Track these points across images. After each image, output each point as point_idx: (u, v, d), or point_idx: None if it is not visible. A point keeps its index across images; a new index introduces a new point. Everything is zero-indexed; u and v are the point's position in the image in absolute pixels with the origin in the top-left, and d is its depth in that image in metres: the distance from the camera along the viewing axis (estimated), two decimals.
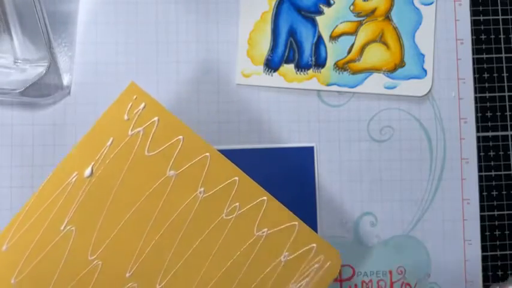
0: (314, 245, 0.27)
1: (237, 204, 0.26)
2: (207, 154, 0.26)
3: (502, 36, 0.36)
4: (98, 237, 0.25)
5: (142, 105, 0.26)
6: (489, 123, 0.35)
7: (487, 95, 0.35)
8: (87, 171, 0.25)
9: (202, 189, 0.26)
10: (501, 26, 0.36)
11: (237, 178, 0.26)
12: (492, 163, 0.35)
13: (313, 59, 0.34)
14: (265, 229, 0.26)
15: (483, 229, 0.34)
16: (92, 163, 0.25)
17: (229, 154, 0.34)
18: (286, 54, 0.34)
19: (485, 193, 0.35)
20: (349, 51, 0.35)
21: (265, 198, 0.27)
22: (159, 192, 0.26)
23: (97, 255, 0.25)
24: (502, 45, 0.36)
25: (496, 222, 0.35)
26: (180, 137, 0.26)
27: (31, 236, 0.25)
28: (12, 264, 0.24)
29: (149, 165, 0.25)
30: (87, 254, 0.25)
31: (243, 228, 0.26)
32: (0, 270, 0.25)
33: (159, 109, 0.26)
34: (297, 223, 0.27)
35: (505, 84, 0.35)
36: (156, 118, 0.26)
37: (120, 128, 0.25)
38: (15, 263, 0.25)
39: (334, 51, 0.35)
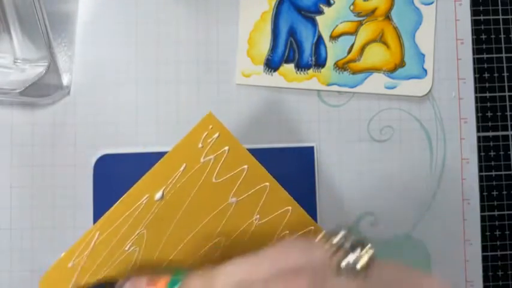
0: None
1: (287, 232, 0.28)
2: (267, 184, 0.28)
3: (502, 36, 0.35)
4: (158, 259, 0.26)
5: (217, 134, 0.27)
6: (489, 123, 0.35)
7: (488, 94, 0.35)
8: (158, 195, 0.26)
9: (258, 216, 0.27)
10: (501, 26, 0.36)
11: (290, 208, 0.28)
12: (492, 163, 0.35)
13: (313, 58, 0.34)
14: None
15: (483, 229, 0.34)
16: (164, 187, 0.26)
17: None
18: (286, 54, 0.34)
19: (485, 193, 0.35)
20: (349, 51, 0.35)
21: (312, 227, 0.28)
22: (219, 218, 0.27)
23: None
24: (503, 45, 0.36)
25: (496, 222, 0.35)
26: (245, 166, 0.27)
27: (97, 254, 0.26)
28: (75, 281, 0.25)
29: (214, 191, 0.27)
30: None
31: None
32: (62, 285, 0.25)
33: (231, 139, 0.27)
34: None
35: (506, 84, 0.35)
36: (227, 148, 0.27)
37: (194, 155, 0.27)
38: (78, 280, 0.25)
39: (334, 51, 0.35)
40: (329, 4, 0.35)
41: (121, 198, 0.26)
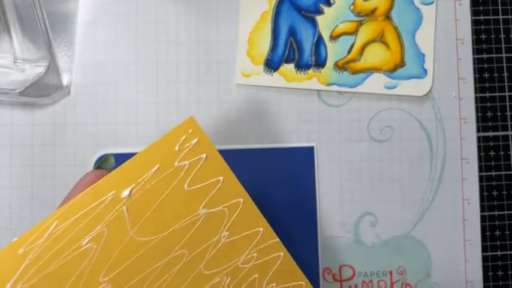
0: None
1: (255, 255, 0.27)
2: (241, 200, 0.26)
3: (502, 36, 0.35)
4: (115, 260, 0.25)
5: (195, 140, 0.26)
6: (489, 123, 0.35)
7: (488, 94, 0.35)
8: (125, 192, 0.25)
9: (227, 233, 0.26)
10: (501, 26, 0.36)
11: (261, 229, 0.27)
12: (492, 163, 0.35)
13: (313, 58, 0.34)
14: (274, 284, 0.27)
15: (483, 229, 0.34)
16: (133, 185, 0.25)
17: (229, 154, 0.34)
18: (286, 54, 0.34)
19: (485, 193, 0.35)
20: (349, 51, 0.35)
21: (281, 254, 0.27)
22: (186, 228, 0.26)
23: (109, 279, 0.25)
24: (503, 45, 0.36)
25: (497, 222, 0.35)
26: (221, 178, 0.26)
27: (51, 245, 0.24)
28: (24, 269, 0.24)
29: (185, 199, 0.26)
30: (99, 276, 0.25)
31: (252, 280, 0.27)
32: (6, 272, 0.24)
33: (209, 147, 0.26)
34: (303, 283, 0.27)
35: (506, 84, 0.35)
36: (204, 155, 0.26)
37: (169, 157, 0.25)
38: (27, 268, 0.24)
39: (334, 51, 0.35)
40: (329, 4, 0.35)
41: (86, 190, 0.25)
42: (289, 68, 0.34)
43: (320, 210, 0.34)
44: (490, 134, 0.35)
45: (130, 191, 0.25)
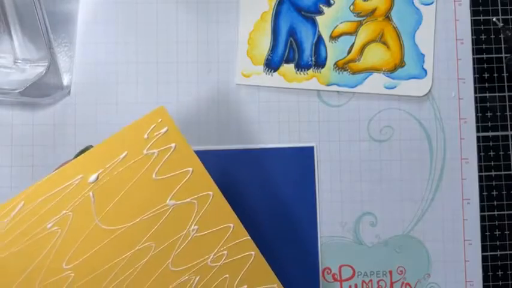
0: None
1: (225, 252, 0.26)
2: (210, 193, 0.26)
3: (502, 36, 0.36)
4: (79, 248, 0.24)
5: (165, 129, 0.26)
6: (489, 123, 0.35)
7: (487, 95, 0.35)
8: (93, 177, 0.25)
9: (196, 227, 0.26)
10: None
11: (231, 225, 0.26)
12: (492, 163, 0.35)
13: (313, 59, 0.34)
14: (245, 286, 0.26)
15: (483, 229, 0.34)
16: (100, 170, 0.25)
17: (229, 154, 0.34)
18: (286, 54, 0.34)
19: (485, 193, 0.35)
20: (349, 51, 0.35)
21: (253, 253, 0.26)
22: (153, 219, 0.25)
23: (72, 266, 0.24)
24: (502, 45, 0.36)
25: (496, 222, 0.35)
26: (190, 169, 0.26)
27: (17, 224, 0.24)
28: None
29: (152, 189, 0.25)
30: (62, 262, 0.24)
31: (222, 281, 0.26)
32: None
33: (178, 137, 0.26)
34: (276, 285, 0.27)
35: (505, 84, 0.35)
36: (173, 145, 0.26)
37: (137, 144, 0.25)
38: None
39: (334, 51, 0.35)
40: (329, 4, 0.35)
41: (53, 172, 0.24)
42: (289, 68, 0.34)
43: (320, 210, 0.34)
44: (490, 134, 0.35)
45: (97, 176, 0.25)
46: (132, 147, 0.25)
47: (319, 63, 0.34)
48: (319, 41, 0.35)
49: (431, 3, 0.35)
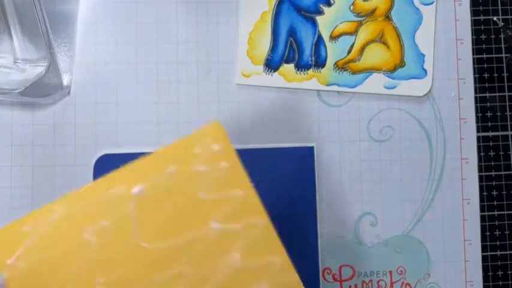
0: None
1: None
2: (261, 220, 0.24)
3: (502, 36, 0.36)
4: (113, 261, 0.23)
5: (219, 146, 0.24)
6: (489, 123, 0.35)
7: (487, 95, 0.35)
8: (137, 189, 0.23)
9: (238, 255, 0.23)
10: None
11: (279, 260, 0.23)
12: (492, 163, 0.35)
13: (313, 59, 0.34)
14: None
15: (483, 229, 0.34)
16: (146, 183, 0.23)
17: None
18: (286, 54, 0.34)
19: (485, 193, 0.35)
20: (349, 51, 0.35)
21: None
22: (194, 241, 0.23)
23: (105, 280, 0.23)
24: (502, 45, 0.36)
25: (496, 222, 0.35)
26: (241, 192, 0.24)
27: (55, 229, 0.23)
28: (28, 247, 0.23)
29: (197, 208, 0.23)
30: (95, 274, 0.23)
31: None
32: (9, 247, 0.23)
33: (232, 156, 0.24)
34: None
35: (505, 84, 0.35)
36: (225, 164, 0.24)
37: (187, 160, 0.24)
38: (30, 247, 0.23)
39: (334, 51, 0.35)
40: (329, 4, 0.35)
41: (97, 180, 0.23)
42: (289, 68, 0.34)
43: (320, 210, 0.34)
44: (490, 134, 0.35)
45: (142, 189, 0.23)
46: (181, 161, 0.24)
47: (319, 63, 0.34)
48: (319, 41, 0.35)
49: (431, 3, 0.35)
